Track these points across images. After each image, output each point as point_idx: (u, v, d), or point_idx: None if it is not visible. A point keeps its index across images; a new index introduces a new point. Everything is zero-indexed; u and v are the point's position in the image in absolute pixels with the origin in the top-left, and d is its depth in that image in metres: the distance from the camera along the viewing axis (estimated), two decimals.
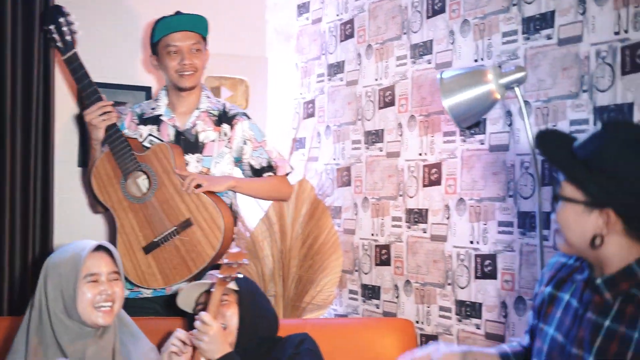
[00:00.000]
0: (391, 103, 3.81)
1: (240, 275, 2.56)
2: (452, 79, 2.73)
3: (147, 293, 3.24)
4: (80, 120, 3.82)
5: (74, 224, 3.82)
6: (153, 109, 3.34)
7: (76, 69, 3.16)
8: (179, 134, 3.29)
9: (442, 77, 2.76)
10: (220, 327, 2.52)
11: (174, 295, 2.90)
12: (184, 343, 2.54)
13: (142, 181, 3.20)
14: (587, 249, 1.81)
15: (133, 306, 3.13)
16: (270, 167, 3.39)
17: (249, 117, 3.42)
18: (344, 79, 4.17)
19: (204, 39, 3.32)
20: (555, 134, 1.93)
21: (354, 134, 4.06)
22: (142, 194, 3.18)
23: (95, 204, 3.27)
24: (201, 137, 3.30)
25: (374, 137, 3.91)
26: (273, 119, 4.47)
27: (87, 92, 3.14)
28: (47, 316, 2.38)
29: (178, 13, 3.31)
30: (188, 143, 3.28)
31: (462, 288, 3.34)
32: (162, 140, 3.26)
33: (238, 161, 3.40)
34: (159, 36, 3.25)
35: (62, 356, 2.35)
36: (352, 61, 4.10)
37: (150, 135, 3.29)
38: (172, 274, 3.15)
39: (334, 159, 4.21)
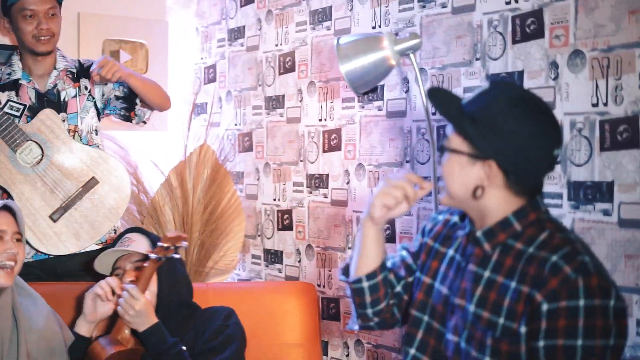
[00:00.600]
0: (291, 69, 3.83)
1: (177, 256, 2.56)
2: (348, 45, 2.75)
3: (27, 258, 3.18)
4: None
5: None
6: (9, 74, 3.25)
7: None
8: (40, 96, 3.24)
9: (339, 43, 2.78)
10: (148, 301, 2.52)
11: (55, 259, 3.01)
12: (113, 292, 2.53)
13: (33, 150, 3.14)
14: (468, 199, 1.88)
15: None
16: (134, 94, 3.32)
17: None
18: (244, 44, 4.16)
19: (59, 3, 3.26)
20: (446, 91, 2.00)
21: (255, 99, 4.07)
22: (36, 163, 3.12)
23: None
24: (62, 96, 3.26)
25: (275, 102, 3.93)
26: (174, 84, 4.42)
27: None
28: None
29: None
30: (51, 103, 3.23)
31: None
32: (23, 105, 3.20)
33: (106, 108, 3.36)
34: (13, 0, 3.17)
35: None
36: (253, 26, 4.09)
37: (9, 101, 3.21)
38: (87, 235, 3.13)
39: (235, 125, 4.21)
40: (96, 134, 3.32)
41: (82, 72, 3.31)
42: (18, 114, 3.19)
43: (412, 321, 2.04)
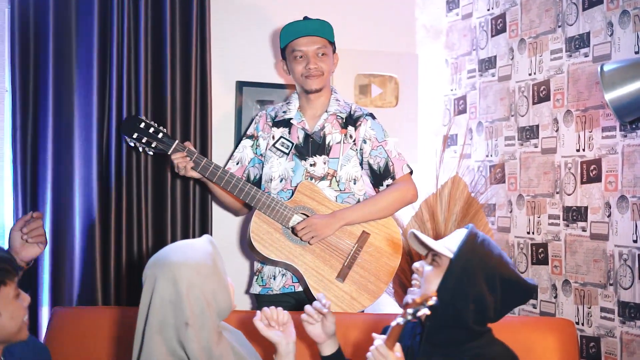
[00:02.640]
0: (546, 98, 3.72)
1: (427, 313, 2.21)
2: (613, 72, 2.63)
3: (276, 290, 3.33)
4: (237, 120, 3.95)
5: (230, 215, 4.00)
6: (284, 112, 3.43)
7: (191, 155, 3.24)
8: (307, 136, 3.37)
9: (602, 69, 2.67)
10: (397, 358, 2.24)
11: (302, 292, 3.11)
12: (320, 312, 2.46)
13: (297, 220, 3.26)
14: None
15: (268, 301, 3.23)
16: (387, 172, 3.37)
17: (373, 118, 3.44)
18: (495, 74, 4.10)
19: (331, 43, 3.38)
20: None
21: (507, 130, 3.99)
22: None
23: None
24: (328, 139, 3.36)
25: (529, 133, 3.83)
26: (423, 116, 4.45)
27: (209, 171, 3.25)
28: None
29: (305, 18, 3.39)
30: (315, 145, 3.35)
31: (626, 289, 3.23)
32: (292, 142, 3.34)
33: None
34: (286, 42, 3.34)
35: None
36: (504, 56, 4.03)
37: (282, 137, 3.38)
38: (375, 286, 3.24)
39: (487, 156, 4.15)
40: (354, 183, 3.37)
41: (351, 120, 3.39)
42: (287, 151, 3.36)
43: None
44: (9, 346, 2.32)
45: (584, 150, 3.47)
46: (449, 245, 2.39)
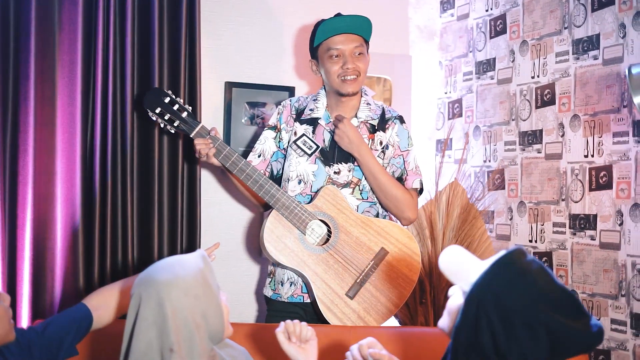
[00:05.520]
0: (551, 102, 3.59)
1: None
2: None
3: (284, 298, 3.13)
4: (225, 121, 3.78)
5: (219, 224, 3.82)
6: (312, 110, 3.17)
7: (214, 141, 3.02)
8: (333, 142, 3.11)
9: (630, 72, 2.55)
10: None
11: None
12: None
13: (315, 230, 3.03)
14: None
15: (277, 308, 3.09)
16: (400, 180, 3.14)
17: (402, 122, 3.19)
18: (494, 77, 3.97)
19: (367, 42, 3.12)
20: None
21: (507, 134, 3.86)
22: (325, 242, 3.03)
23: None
24: None
25: (531, 138, 3.70)
26: (417, 119, 4.31)
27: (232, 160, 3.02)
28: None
29: (339, 15, 3.10)
30: (341, 151, 3.09)
31: (639, 300, 3.12)
32: (317, 145, 3.13)
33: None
34: (321, 39, 3.06)
35: None
36: (504, 58, 3.90)
37: (304, 135, 3.14)
38: (385, 307, 3.01)
39: (484, 161, 4.02)
40: None
41: (381, 124, 3.14)
42: (309, 152, 3.11)
43: None
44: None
45: (592, 156, 3.35)
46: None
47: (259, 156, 3.20)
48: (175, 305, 1.94)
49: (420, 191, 3.17)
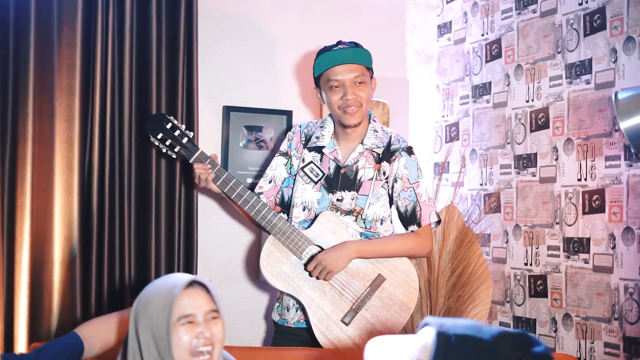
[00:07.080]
0: (545, 126, 3.62)
1: None
2: (629, 99, 2.53)
3: (291, 323, 3.14)
4: (223, 145, 3.81)
5: (218, 242, 3.85)
6: (317, 137, 3.16)
7: (213, 167, 3.06)
8: (338, 168, 3.10)
9: (617, 97, 2.57)
10: None
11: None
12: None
13: (311, 252, 3.04)
14: None
15: (284, 332, 3.10)
16: (414, 217, 3.10)
17: (410, 153, 3.13)
18: (490, 100, 4.00)
19: (369, 69, 3.09)
20: None
21: (503, 158, 3.89)
22: None
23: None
24: (360, 175, 3.09)
25: (526, 161, 3.72)
26: (414, 142, 4.32)
27: (230, 185, 3.06)
28: None
29: (339, 43, 3.08)
30: (346, 179, 3.09)
31: (632, 324, 3.11)
32: (322, 172, 3.12)
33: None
34: (320, 70, 3.05)
35: None
36: (500, 82, 3.93)
37: (312, 162, 3.14)
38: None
39: (481, 184, 4.04)
40: (381, 223, 3.10)
41: (386, 155, 3.11)
42: (315, 179, 3.12)
43: None
44: None
45: (585, 179, 3.37)
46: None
47: (270, 182, 3.22)
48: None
49: (438, 222, 3.16)
